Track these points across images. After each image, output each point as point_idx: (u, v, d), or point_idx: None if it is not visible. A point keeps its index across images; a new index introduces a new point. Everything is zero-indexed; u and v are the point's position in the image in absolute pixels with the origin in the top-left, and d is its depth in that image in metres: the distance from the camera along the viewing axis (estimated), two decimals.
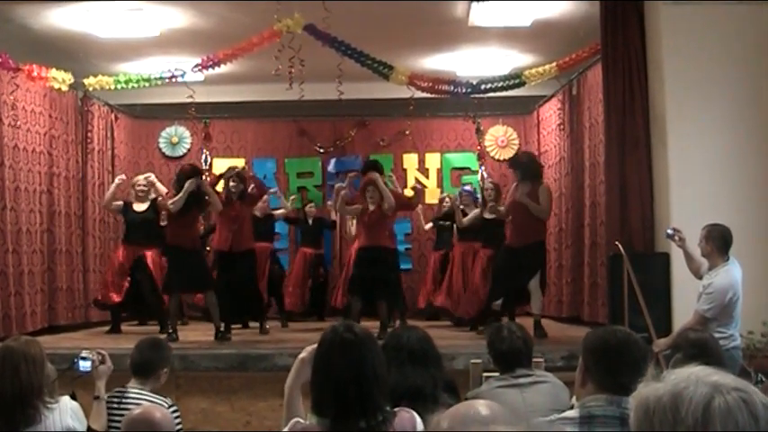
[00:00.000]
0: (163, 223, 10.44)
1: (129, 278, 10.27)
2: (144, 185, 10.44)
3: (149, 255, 10.33)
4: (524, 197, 9.15)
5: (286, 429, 3.02)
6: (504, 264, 9.37)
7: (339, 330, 3.07)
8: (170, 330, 9.25)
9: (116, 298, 10.27)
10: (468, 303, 10.62)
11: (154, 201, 10.37)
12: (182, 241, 9.50)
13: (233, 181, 9.81)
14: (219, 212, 9.87)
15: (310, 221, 12.26)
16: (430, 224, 12.34)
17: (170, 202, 9.51)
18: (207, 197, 9.55)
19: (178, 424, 4.44)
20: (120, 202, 10.44)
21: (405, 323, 9.39)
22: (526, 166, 9.46)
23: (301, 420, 3.06)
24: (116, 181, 10.53)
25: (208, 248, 11.11)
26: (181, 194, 9.41)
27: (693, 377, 1.57)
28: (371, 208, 9.51)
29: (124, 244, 10.56)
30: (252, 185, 10.05)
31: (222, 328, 9.37)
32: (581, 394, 3.19)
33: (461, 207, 10.86)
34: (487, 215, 10.37)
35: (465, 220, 10.71)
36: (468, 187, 11.91)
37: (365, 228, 9.68)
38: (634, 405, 1.63)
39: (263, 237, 10.74)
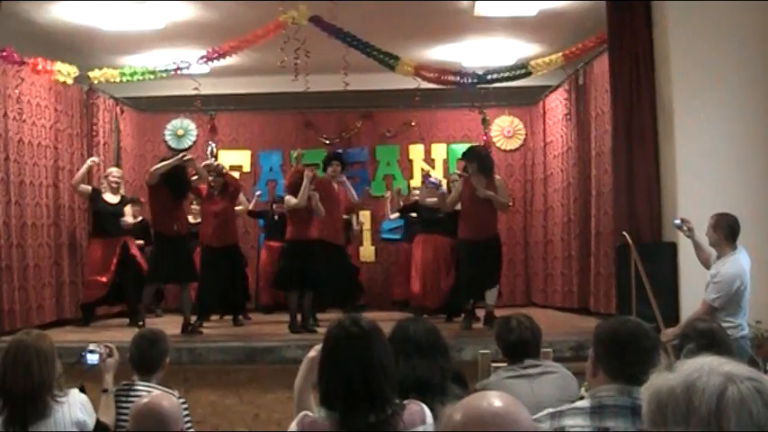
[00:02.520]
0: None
1: (113, 269, 10.22)
2: (118, 178, 10.47)
3: (132, 244, 10.41)
4: (485, 191, 8.99)
5: (294, 423, 3.02)
6: (470, 262, 9.15)
7: (345, 324, 3.06)
8: (140, 323, 9.17)
9: (100, 293, 10.30)
10: (435, 294, 10.65)
11: (123, 197, 10.48)
12: (162, 228, 9.48)
13: (211, 175, 9.90)
14: (202, 207, 10.03)
15: (276, 217, 12.23)
16: (396, 214, 12.15)
17: (153, 168, 9.48)
18: (193, 178, 9.66)
19: (186, 417, 4.43)
20: (89, 188, 10.43)
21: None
22: (484, 158, 9.35)
23: (309, 414, 3.06)
24: (88, 162, 10.47)
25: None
26: (164, 163, 9.37)
27: (706, 367, 1.57)
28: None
29: (98, 237, 10.47)
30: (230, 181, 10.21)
31: (193, 322, 9.35)
32: (592, 384, 3.19)
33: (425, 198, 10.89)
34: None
35: (428, 200, 10.62)
36: (432, 178, 11.78)
37: (292, 221, 9.68)
38: (646, 396, 1.62)
39: None
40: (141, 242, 11.04)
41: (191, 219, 10.89)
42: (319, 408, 3.01)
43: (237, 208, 11.20)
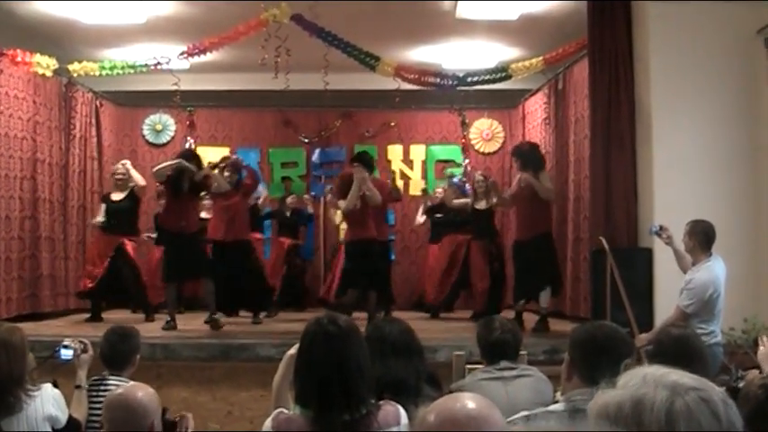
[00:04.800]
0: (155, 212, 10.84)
1: (106, 265, 10.12)
2: (123, 174, 10.33)
3: (129, 243, 10.28)
4: (530, 178, 9.12)
5: (269, 419, 3.03)
6: (521, 262, 9.40)
7: (323, 322, 3.07)
8: (168, 319, 9.15)
9: (89, 284, 10.18)
10: (469, 297, 10.75)
11: (132, 190, 10.31)
12: (176, 226, 9.43)
13: (227, 170, 9.85)
14: (214, 201, 9.94)
15: (288, 213, 12.26)
16: (423, 217, 12.29)
17: (154, 169, 9.56)
18: (205, 180, 9.57)
19: None
20: (103, 205, 10.48)
21: (388, 316, 9.48)
22: (527, 154, 9.46)
23: (285, 411, 3.07)
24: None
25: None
26: (167, 163, 9.44)
27: (650, 379, 1.55)
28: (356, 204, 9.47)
29: (101, 231, 10.44)
30: (246, 175, 10.11)
31: (216, 316, 9.34)
32: (567, 388, 3.20)
33: (452, 200, 11.11)
34: (478, 206, 10.46)
35: (455, 202, 10.94)
36: (456, 179, 11.91)
37: (349, 222, 9.66)
38: (593, 413, 1.58)
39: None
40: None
41: (203, 214, 10.84)
42: (295, 405, 3.03)
43: (260, 200, 11.25)
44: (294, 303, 12.00)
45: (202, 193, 10.07)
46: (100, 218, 10.42)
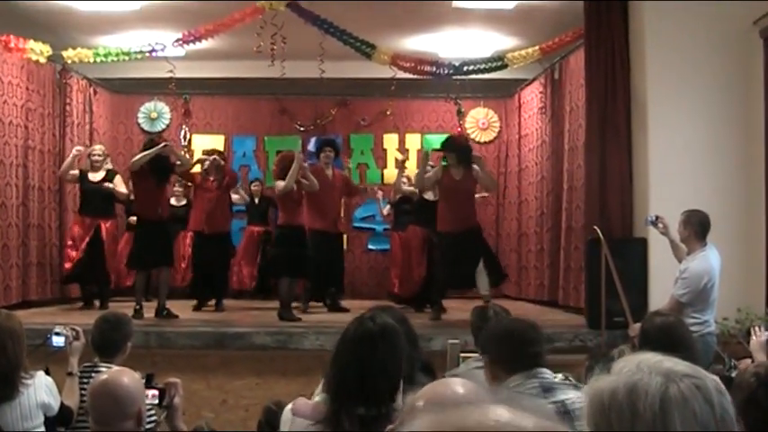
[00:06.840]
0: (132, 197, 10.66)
1: (83, 248, 10.08)
2: (99, 154, 10.33)
3: (104, 226, 10.21)
4: (481, 171, 9.20)
5: (291, 403, 3.16)
6: (451, 253, 9.21)
7: (361, 318, 3.20)
8: (137, 307, 9.07)
9: (67, 266, 10.22)
10: (408, 284, 10.71)
11: (109, 171, 10.31)
12: (146, 213, 9.47)
13: (212, 172, 10.04)
14: (195, 193, 10.15)
15: (257, 200, 12.11)
16: (388, 206, 12.13)
17: (134, 158, 9.51)
18: (176, 163, 9.63)
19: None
20: (77, 171, 10.25)
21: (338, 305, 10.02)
22: (463, 149, 9.40)
23: (305, 399, 3.20)
24: (73, 151, 10.25)
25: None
26: (145, 153, 9.34)
27: (644, 366, 1.55)
28: (293, 187, 9.48)
29: (80, 215, 10.40)
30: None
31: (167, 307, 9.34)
32: (493, 387, 3.27)
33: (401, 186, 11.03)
34: (426, 196, 10.35)
35: (404, 189, 10.91)
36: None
37: (283, 207, 9.73)
38: (587, 400, 1.59)
39: None
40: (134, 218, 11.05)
41: (173, 201, 11.30)
42: (321, 392, 3.14)
43: (234, 197, 11.18)
44: (267, 291, 11.87)
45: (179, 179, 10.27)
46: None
